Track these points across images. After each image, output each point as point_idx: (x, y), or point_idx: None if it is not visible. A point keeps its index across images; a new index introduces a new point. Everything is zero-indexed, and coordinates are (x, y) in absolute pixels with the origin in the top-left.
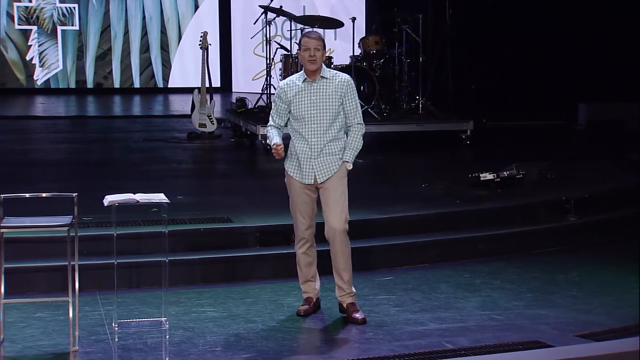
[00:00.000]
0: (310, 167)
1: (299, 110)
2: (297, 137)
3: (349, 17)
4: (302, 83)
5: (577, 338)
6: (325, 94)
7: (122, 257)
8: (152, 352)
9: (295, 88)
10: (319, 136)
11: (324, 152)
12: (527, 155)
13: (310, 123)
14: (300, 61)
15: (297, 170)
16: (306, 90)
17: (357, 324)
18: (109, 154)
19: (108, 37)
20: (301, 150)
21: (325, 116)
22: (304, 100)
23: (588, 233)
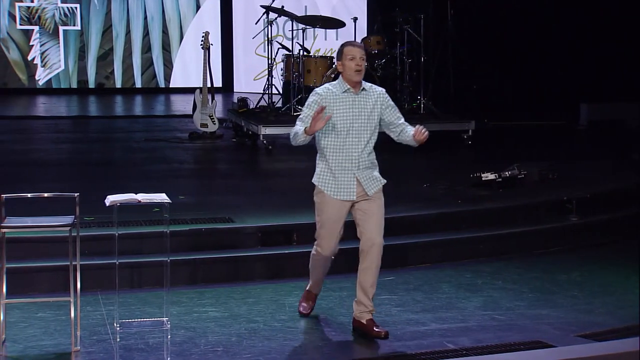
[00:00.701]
0: (353, 181)
1: (341, 121)
2: (335, 151)
3: (350, 17)
4: (343, 93)
5: (579, 338)
6: (367, 106)
7: (123, 257)
8: (153, 352)
9: (335, 98)
10: (361, 149)
11: (365, 165)
12: (528, 155)
13: (352, 136)
14: (343, 71)
15: (334, 186)
16: (349, 102)
17: (380, 338)
18: (110, 154)
19: (110, 37)
20: (339, 164)
21: (368, 128)
22: (347, 111)
23: (589, 233)
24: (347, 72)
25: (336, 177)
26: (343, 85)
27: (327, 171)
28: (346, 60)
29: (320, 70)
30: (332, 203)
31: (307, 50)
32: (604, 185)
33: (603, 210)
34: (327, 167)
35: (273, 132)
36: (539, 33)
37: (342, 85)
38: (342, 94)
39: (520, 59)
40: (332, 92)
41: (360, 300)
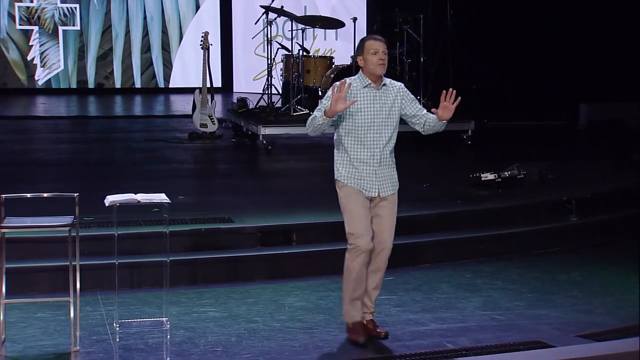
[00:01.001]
0: (375, 178)
1: (363, 117)
2: (357, 146)
3: (350, 18)
4: (365, 88)
5: (578, 338)
6: (388, 102)
7: (123, 257)
8: (153, 352)
9: (357, 93)
10: (383, 145)
11: (385, 163)
12: (528, 156)
13: (373, 131)
14: (364, 66)
15: (358, 180)
16: (370, 96)
17: (380, 338)
18: (110, 154)
19: (109, 37)
20: (362, 160)
21: (390, 124)
22: (368, 106)
23: (589, 233)
24: (369, 66)
25: (360, 172)
26: (364, 80)
27: (350, 166)
28: (368, 54)
29: (319, 70)
30: (357, 193)
31: (306, 50)
32: (604, 185)
33: (603, 210)
34: (349, 162)
35: (273, 132)
36: (538, 33)
37: (363, 80)
38: (363, 89)
39: (519, 59)
40: (353, 86)
41: (364, 301)
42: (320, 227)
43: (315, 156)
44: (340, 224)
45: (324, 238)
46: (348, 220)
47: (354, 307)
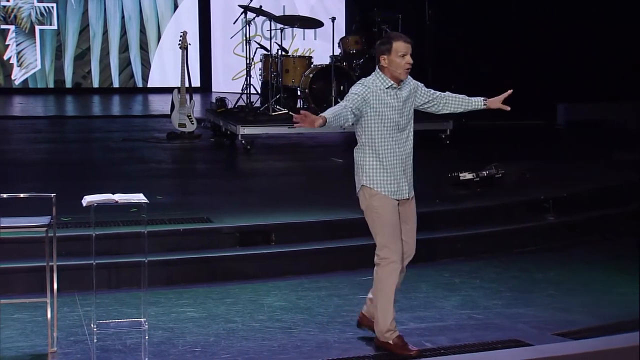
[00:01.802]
0: (405, 179)
1: (392, 116)
2: (387, 148)
3: (328, 17)
4: (387, 89)
5: (556, 337)
6: (407, 99)
7: (101, 257)
8: (131, 352)
9: (381, 94)
10: (409, 145)
11: (410, 162)
12: (506, 155)
13: (400, 130)
14: (389, 66)
15: (392, 185)
16: (394, 96)
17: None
18: (88, 154)
19: (87, 37)
20: (393, 162)
21: (410, 121)
22: (393, 106)
23: (567, 232)
24: (395, 69)
25: (393, 174)
26: (386, 81)
27: (382, 170)
28: (396, 56)
29: (298, 70)
30: (390, 203)
31: (285, 50)
32: (581, 184)
33: (580, 209)
34: (381, 166)
35: (251, 132)
36: (517, 33)
37: (385, 81)
38: (387, 90)
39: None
40: (377, 85)
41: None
42: (299, 226)
43: (295, 156)
44: (319, 224)
45: (303, 238)
46: (384, 233)
47: (393, 323)
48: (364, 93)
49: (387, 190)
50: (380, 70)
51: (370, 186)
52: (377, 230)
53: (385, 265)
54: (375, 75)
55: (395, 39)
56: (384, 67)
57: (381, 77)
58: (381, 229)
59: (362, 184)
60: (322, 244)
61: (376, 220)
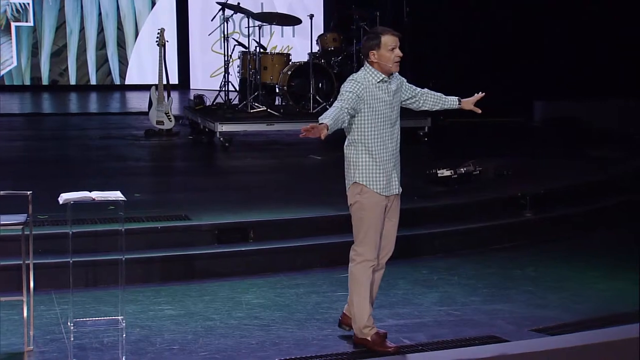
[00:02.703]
0: (395, 174)
1: (384, 111)
2: (379, 143)
3: (307, 14)
4: (379, 83)
5: (533, 333)
6: (396, 93)
7: (78, 255)
8: (108, 351)
9: (373, 88)
10: (396, 139)
11: (398, 157)
12: (484, 152)
13: (390, 125)
14: (379, 61)
15: (384, 181)
16: (385, 90)
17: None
18: (64, 152)
19: (63, 34)
20: (385, 157)
21: (398, 117)
22: (385, 101)
23: (544, 228)
24: (386, 63)
25: (385, 170)
26: (377, 75)
27: (374, 166)
28: (386, 50)
29: (277, 67)
30: (378, 201)
31: (263, 47)
32: (558, 181)
33: (557, 206)
34: (373, 161)
35: (230, 129)
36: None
37: (377, 75)
38: (378, 83)
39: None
40: (368, 80)
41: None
42: (277, 224)
43: (273, 153)
44: (297, 221)
45: (282, 235)
46: (366, 232)
47: (370, 319)
48: (357, 90)
49: (379, 187)
50: (370, 65)
51: (362, 183)
52: (360, 228)
53: (359, 262)
54: (365, 70)
55: (383, 33)
56: (373, 62)
57: (372, 72)
58: (365, 227)
59: (354, 180)
60: (300, 241)
61: (363, 219)
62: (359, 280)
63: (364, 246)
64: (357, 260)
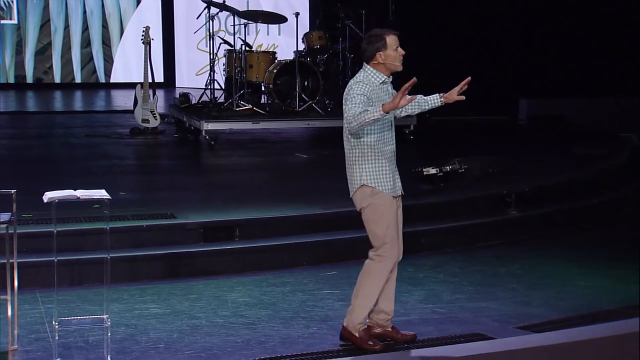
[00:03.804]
0: (397, 175)
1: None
2: (384, 145)
3: (292, 13)
4: (382, 84)
5: (517, 330)
6: (392, 93)
7: (62, 254)
8: (93, 349)
9: (377, 90)
10: (394, 140)
11: (395, 158)
12: (469, 150)
13: (389, 127)
14: (385, 61)
15: (391, 183)
16: (385, 92)
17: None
18: (49, 150)
19: (48, 32)
20: (389, 158)
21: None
22: (387, 101)
23: (528, 226)
24: (393, 62)
25: (391, 171)
26: (380, 76)
27: (381, 168)
28: (391, 50)
29: (262, 65)
30: (391, 202)
31: (249, 45)
32: (543, 179)
33: (542, 203)
34: (379, 163)
35: (216, 127)
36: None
37: (379, 76)
38: (381, 85)
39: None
40: (372, 82)
41: (383, 309)
42: (263, 222)
43: (259, 151)
44: (283, 219)
45: (267, 233)
46: (384, 230)
47: (366, 317)
48: (367, 92)
49: (387, 188)
50: (373, 67)
51: (372, 185)
52: (379, 229)
53: (380, 262)
54: (366, 71)
55: (386, 33)
56: (378, 63)
57: (374, 73)
58: (384, 228)
59: (362, 183)
60: (286, 240)
61: (380, 220)
62: (376, 278)
63: (385, 246)
64: (378, 260)
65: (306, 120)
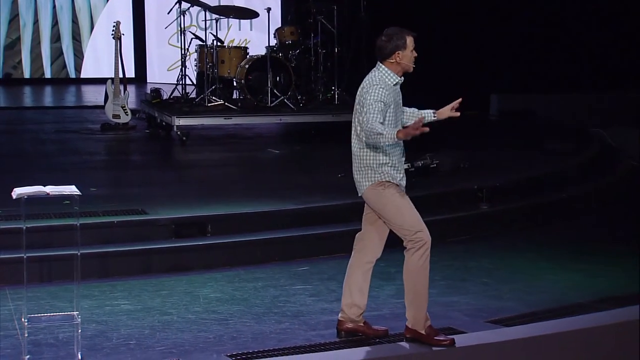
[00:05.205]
0: (404, 172)
1: (396, 115)
2: (394, 145)
3: (264, 8)
4: (394, 86)
5: (488, 324)
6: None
7: (32, 250)
8: (63, 347)
9: (391, 91)
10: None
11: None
12: (440, 145)
13: (399, 125)
14: (401, 61)
15: (401, 176)
16: (397, 93)
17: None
18: (18, 146)
19: (17, 26)
20: (398, 155)
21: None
22: (397, 104)
23: (499, 221)
24: (408, 62)
25: (401, 167)
26: (394, 77)
27: (391, 165)
28: (409, 51)
29: (234, 60)
30: (401, 190)
31: (220, 40)
32: (514, 174)
33: (512, 198)
34: (390, 161)
35: (187, 122)
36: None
37: (393, 77)
38: (394, 86)
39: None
40: (387, 83)
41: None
42: (235, 218)
43: (231, 147)
44: (255, 215)
45: (239, 229)
46: (408, 218)
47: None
48: (384, 97)
49: (397, 180)
50: (388, 66)
51: (388, 179)
52: (405, 218)
53: (420, 247)
54: (380, 71)
55: (407, 33)
56: (394, 62)
57: (387, 74)
58: (408, 215)
59: (376, 180)
60: (258, 235)
61: (401, 208)
62: (423, 266)
63: (419, 232)
64: (417, 246)
65: (278, 116)
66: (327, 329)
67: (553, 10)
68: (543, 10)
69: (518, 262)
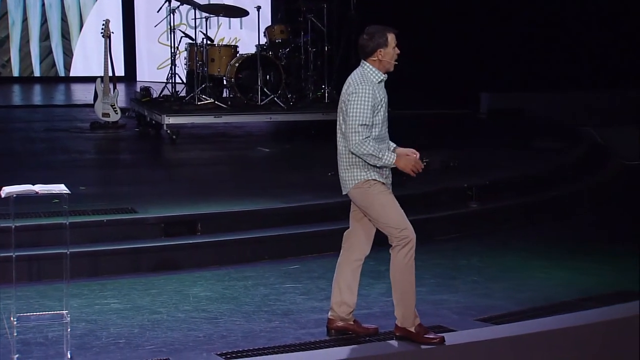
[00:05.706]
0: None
1: (383, 113)
2: (379, 142)
3: (254, 6)
4: (379, 83)
5: (477, 322)
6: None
7: (21, 249)
8: (53, 345)
9: (377, 88)
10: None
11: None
12: (430, 144)
13: (385, 124)
14: (383, 59)
15: (386, 176)
16: (381, 90)
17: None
18: (7, 145)
19: (6, 24)
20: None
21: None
22: (384, 101)
23: (489, 219)
24: (390, 60)
25: (386, 168)
26: (378, 74)
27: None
28: (391, 48)
29: (224, 59)
30: (386, 187)
31: (210, 39)
32: (503, 172)
33: (502, 196)
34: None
35: (177, 121)
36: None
37: (377, 74)
38: (378, 84)
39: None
40: (372, 82)
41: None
42: (225, 216)
43: (221, 145)
44: (245, 213)
45: (229, 227)
46: (394, 216)
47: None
48: (371, 97)
49: (382, 178)
50: (371, 64)
51: (374, 178)
52: (390, 216)
53: (406, 245)
54: (365, 69)
55: (388, 31)
56: (376, 60)
57: (372, 71)
58: (393, 213)
59: (362, 178)
60: (248, 234)
61: (386, 207)
62: (408, 265)
63: (404, 230)
64: (403, 243)
65: (268, 114)
66: (317, 327)
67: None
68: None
69: (508, 260)
